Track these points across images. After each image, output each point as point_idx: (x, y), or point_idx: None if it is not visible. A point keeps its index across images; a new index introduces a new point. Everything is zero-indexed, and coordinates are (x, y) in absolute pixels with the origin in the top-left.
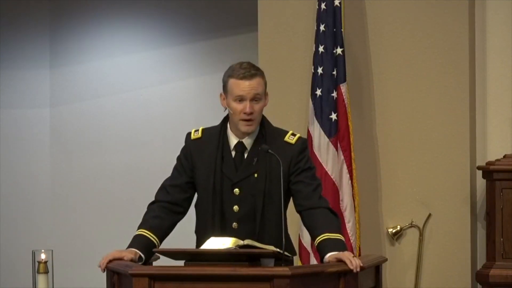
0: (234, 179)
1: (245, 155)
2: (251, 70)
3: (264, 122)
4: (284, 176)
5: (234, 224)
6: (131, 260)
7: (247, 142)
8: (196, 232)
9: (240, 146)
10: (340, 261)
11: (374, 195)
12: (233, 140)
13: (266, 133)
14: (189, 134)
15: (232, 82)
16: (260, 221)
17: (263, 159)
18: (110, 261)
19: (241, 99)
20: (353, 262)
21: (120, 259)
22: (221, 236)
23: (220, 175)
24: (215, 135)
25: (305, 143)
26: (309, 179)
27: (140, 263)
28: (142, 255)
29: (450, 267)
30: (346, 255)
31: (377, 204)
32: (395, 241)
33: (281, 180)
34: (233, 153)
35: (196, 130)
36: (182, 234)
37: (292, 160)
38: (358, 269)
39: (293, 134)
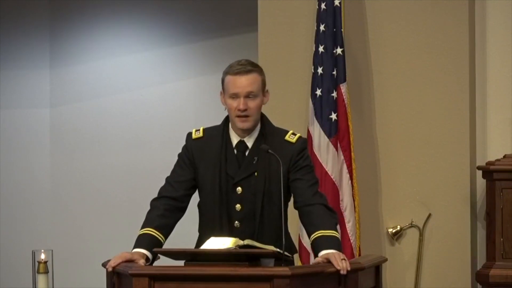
0: (236, 178)
1: (246, 154)
2: (247, 67)
3: (264, 121)
4: (284, 175)
5: (236, 223)
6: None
7: (248, 141)
8: (201, 231)
9: (241, 145)
10: (329, 261)
11: (374, 195)
12: (234, 139)
13: (267, 132)
14: (190, 134)
15: (227, 78)
16: (260, 221)
17: (263, 159)
18: (119, 263)
19: (235, 96)
20: (341, 264)
21: (131, 261)
22: (226, 235)
23: (225, 175)
24: (218, 135)
25: (305, 143)
26: (306, 176)
27: (148, 263)
28: (150, 256)
29: (450, 267)
30: (335, 256)
31: (377, 204)
32: (395, 241)
33: (281, 180)
34: (235, 152)
35: (197, 130)
36: (182, 234)
37: (292, 159)
38: (345, 272)
39: (294, 134)
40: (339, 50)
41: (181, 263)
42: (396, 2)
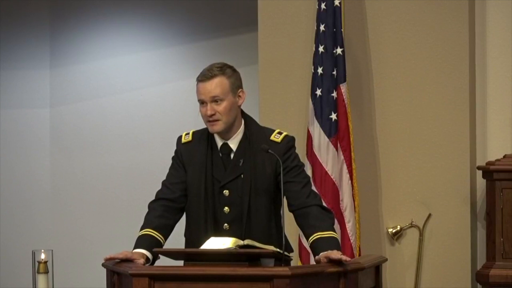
0: (222, 181)
1: (231, 157)
2: (213, 71)
3: (248, 122)
4: (271, 174)
5: (225, 225)
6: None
7: (232, 143)
8: (187, 235)
9: (226, 147)
10: (330, 260)
11: (374, 195)
12: (219, 142)
13: (251, 133)
14: (180, 137)
15: (196, 86)
16: (247, 222)
17: (249, 160)
18: (121, 260)
19: (202, 102)
20: (341, 257)
21: (131, 260)
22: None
23: (211, 178)
24: (204, 138)
25: (291, 141)
26: (297, 178)
27: (148, 264)
28: (150, 257)
29: (450, 267)
30: (334, 253)
31: (377, 204)
32: (395, 241)
33: (281, 179)
34: (220, 154)
35: (187, 134)
36: (182, 234)
37: (278, 160)
38: (347, 259)
39: (280, 133)
40: (339, 50)
41: (181, 263)
42: (396, 2)
